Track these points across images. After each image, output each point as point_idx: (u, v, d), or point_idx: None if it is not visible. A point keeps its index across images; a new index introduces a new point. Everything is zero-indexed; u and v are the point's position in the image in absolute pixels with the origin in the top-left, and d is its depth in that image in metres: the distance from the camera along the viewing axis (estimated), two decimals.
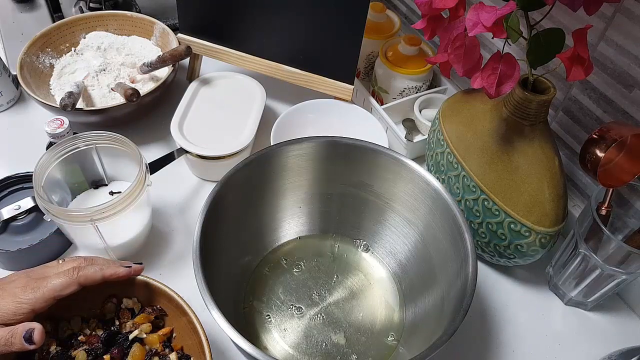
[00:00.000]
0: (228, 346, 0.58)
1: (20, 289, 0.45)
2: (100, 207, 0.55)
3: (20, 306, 0.44)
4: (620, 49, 0.55)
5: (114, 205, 0.55)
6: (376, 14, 0.86)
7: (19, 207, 0.65)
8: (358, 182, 0.63)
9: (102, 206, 0.55)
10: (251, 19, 0.77)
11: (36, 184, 0.56)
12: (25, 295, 0.45)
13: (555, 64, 0.51)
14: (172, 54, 0.77)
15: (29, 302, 0.44)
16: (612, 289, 0.60)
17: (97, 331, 0.51)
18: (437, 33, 0.57)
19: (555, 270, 0.65)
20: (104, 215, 0.55)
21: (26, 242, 0.63)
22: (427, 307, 0.57)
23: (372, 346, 0.58)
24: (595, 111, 0.61)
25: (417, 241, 0.61)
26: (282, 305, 0.61)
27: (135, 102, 0.72)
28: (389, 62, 0.80)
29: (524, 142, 0.57)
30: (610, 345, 0.59)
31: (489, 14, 0.47)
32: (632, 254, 0.53)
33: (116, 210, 0.56)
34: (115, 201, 0.56)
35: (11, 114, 0.84)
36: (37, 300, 0.45)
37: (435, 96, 0.82)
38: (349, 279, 0.64)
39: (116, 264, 0.50)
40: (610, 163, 0.54)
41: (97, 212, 0.55)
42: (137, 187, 0.58)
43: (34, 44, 0.81)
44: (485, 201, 0.60)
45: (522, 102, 0.55)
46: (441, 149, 0.65)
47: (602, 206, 0.56)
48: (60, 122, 0.65)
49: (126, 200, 0.57)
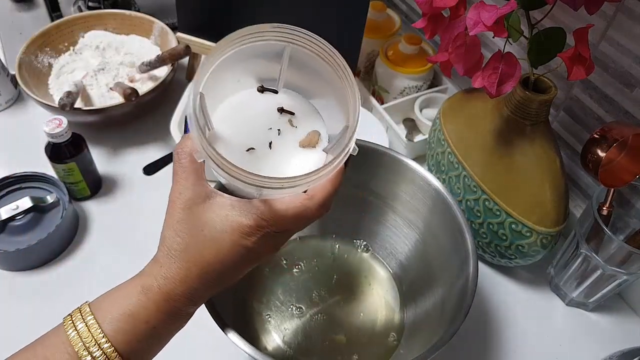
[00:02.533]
0: (228, 347, 0.57)
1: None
2: (292, 179, 0.33)
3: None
4: (622, 48, 0.55)
5: (303, 178, 0.33)
6: (376, 13, 0.86)
7: (17, 207, 0.65)
8: (358, 182, 0.63)
9: (294, 178, 0.33)
10: (250, 18, 0.76)
11: (200, 79, 0.35)
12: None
13: (557, 63, 0.51)
14: (171, 53, 0.77)
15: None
16: (614, 290, 0.59)
17: None
18: (437, 32, 0.57)
19: (556, 270, 0.65)
20: (294, 184, 0.34)
21: (24, 242, 0.63)
22: (428, 308, 0.57)
23: (373, 346, 0.58)
24: (596, 111, 0.61)
25: (417, 241, 0.61)
26: (281, 306, 0.61)
27: (134, 101, 0.71)
28: (390, 61, 0.80)
29: (525, 141, 0.57)
30: (611, 346, 0.59)
31: (490, 13, 0.46)
32: (633, 254, 0.53)
33: (304, 183, 0.34)
34: (306, 176, 0.33)
35: (9, 114, 0.84)
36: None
37: (436, 95, 0.82)
38: (349, 280, 0.64)
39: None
40: (611, 163, 0.54)
41: (274, 182, 0.33)
42: (343, 157, 0.35)
43: (32, 44, 0.81)
44: (486, 201, 0.59)
45: (523, 102, 0.54)
46: (442, 149, 0.65)
47: (603, 206, 0.56)
48: (59, 122, 0.64)
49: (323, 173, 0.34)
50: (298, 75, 0.39)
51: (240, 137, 0.38)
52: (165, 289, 0.36)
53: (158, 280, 0.36)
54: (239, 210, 0.35)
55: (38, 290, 0.63)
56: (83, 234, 0.69)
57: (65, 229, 0.67)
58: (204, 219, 0.35)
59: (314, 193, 0.35)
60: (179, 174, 0.37)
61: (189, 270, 0.36)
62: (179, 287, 0.36)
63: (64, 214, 0.65)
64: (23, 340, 0.38)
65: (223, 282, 0.37)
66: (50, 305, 0.62)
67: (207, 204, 0.36)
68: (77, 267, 0.66)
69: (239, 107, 0.39)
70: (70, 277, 0.65)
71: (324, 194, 0.35)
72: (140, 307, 0.36)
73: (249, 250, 0.36)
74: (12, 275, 0.65)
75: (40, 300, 0.63)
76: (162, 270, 0.36)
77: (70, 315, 0.36)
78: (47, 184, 0.69)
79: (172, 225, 0.36)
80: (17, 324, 0.60)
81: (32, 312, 0.61)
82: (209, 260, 0.35)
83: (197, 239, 0.35)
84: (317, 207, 0.35)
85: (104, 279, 0.64)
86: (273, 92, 0.40)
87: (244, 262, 0.37)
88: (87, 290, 0.63)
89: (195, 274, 0.36)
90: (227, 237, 0.35)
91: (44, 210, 0.67)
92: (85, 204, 0.72)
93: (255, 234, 0.35)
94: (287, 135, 0.38)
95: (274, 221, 0.35)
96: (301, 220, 0.36)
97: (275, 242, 0.37)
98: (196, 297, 0.37)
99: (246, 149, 0.37)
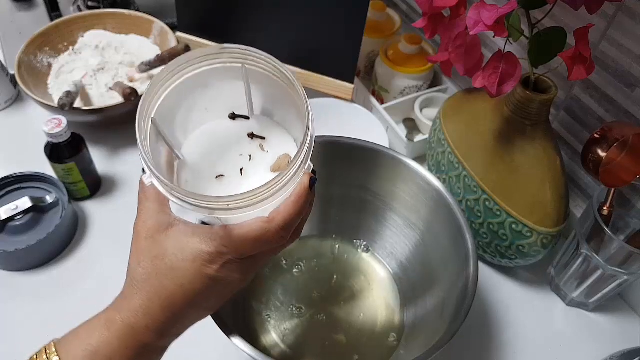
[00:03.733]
0: (227, 347, 0.57)
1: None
2: (234, 197, 0.32)
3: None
4: (622, 48, 0.55)
5: (261, 193, 0.32)
6: (377, 13, 0.86)
7: (17, 207, 0.65)
8: (358, 182, 0.62)
9: (236, 197, 0.32)
10: (251, 18, 0.76)
11: (142, 113, 0.34)
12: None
13: (557, 63, 0.51)
14: (171, 53, 0.77)
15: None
16: (614, 290, 0.59)
17: None
18: (438, 32, 0.57)
19: (557, 271, 0.64)
20: (240, 205, 0.32)
21: (24, 242, 0.63)
22: (428, 308, 0.57)
23: (373, 347, 0.58)
24: (597, 111, 0.61)
25: (417, 242, 0.61)
26: (281, 306, 0.61)
27: (133, 101, 0.71)
28: (390, 61, 0.80)
29: (526, 141, 0.57)
30: (612, 346, 0.59)
31: (490, 13, 0.46)
32: (634, 254, 0.53)
33: (260, 199, 0.33)
34: (251, 192, 0.32)
35: (9, 114, 0.84)
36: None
37: (436, 95, 0.82)
38: (349, 280, 0.64)
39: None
40: (612, 163, 0.54)
41: (229, 202, 0.32)
42: (298, 168, 0.34)
43: (32, 43, 0.80)
44: (487, 201, 0.59)
45: (524, 102, 0.54)
46: (442, 149, 0.65)
47: (604, 206, 0.56)
48: (58, 122, 0.64)
49: (278, 188, 0.33)
50: (263, 97, 0.39)
51: (210, 165, 0.37)
52: (128, 321, 0.34)
53: (121, 313, 0.34)
54: (199, 237, 0.34)
55: (37, 290, 0.63)
56: (82, 234, 0.69)
57: (65, 229, 0.66)
58: (165, 247, 0.34)
59: (274, 216, 0.34)
60: (142, 202, 0.36)
61: (150, 300, 0.34)
62: (142, 320, 0.34)
63: (64, 214, 0.65)
64: (23, 341, 0.38)
65: (193, 313, 0.36)
66: (50, 306, 0.62)
67: (170, 232, 0.35)
68: (77, 268, 0.66)
69: (209, 135, 0.39)
70: (70, 277, 0.65)
71: (284, 217, 0.34)
72: (103, 343, 0.34)
73: (213, 279, 0.34)
74: (12, 275, 0.64)
75: (39, 300, 0.62)
76: (125, 302, 0.35)
77: (36, 355, 0.35)
78: (47, 184, 0.69)
79: (135, 255, 0.35)
80: (17, 324, 0.60)
81: (31, 312, 0.61)
82: (171, 290, 0.34)
83: (159, 268, 0.34)
84: (277, 230, 0.34)
85: (103, 279, 0.64)
86: (245, 118, 0.40)
87: (212, 292, 0.35)
88: (86, 291, 0.63)
89: (157, 304, 0.34)
90: (189, 265, 0.34)
91: (44, 210, 0.67)
92: (84, 204, 0.72)
93: (216, 261, 0.34)
94: (258, 160, 0.38)
95: (234, 247, 0.34)
96: (262, 244, 0.34)
97: (241, 270, 0.36)
98: (164, 330, 0.35)
99: (215, 176, 0.37)
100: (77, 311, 0.61)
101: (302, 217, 0.35)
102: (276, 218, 0.34)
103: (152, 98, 0.35)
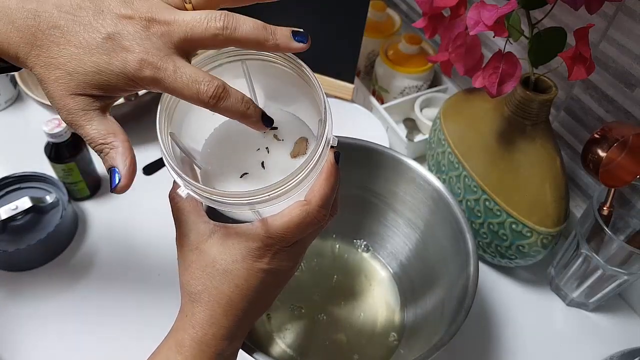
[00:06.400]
0: None
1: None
2: (272, 186, 0.32)
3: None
4: (622, 48, 0.55)
5: (296, 178, 0.33)
6: (377, 13, 0.86)
7: (17, 207, 0.64)
8: (358, 182, 0.62)
9: (274, 185, 0.32)
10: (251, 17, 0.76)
11: (162, 129, 0.35)
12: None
13: (557, 63, 0.51)
14: None
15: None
16: (614, 290, 0.59)
17: None
18: (438, 32, 0.57)
19: (556, 271, 0.64)
20: (279, 193, 0.33)
21: (24, 242, 0.63)
22: (428, 308, 0.57)
23: (373, 346, 0.58)
24: (597, 111, 0.61)
25: (417, 241, 0.61)
26: (281, 306, 0.61)
27: (133, 101, 0.71)
28: (390, 61, 0.80)
29: (526, 141, 0.57)
30: (612, 346, 0.59)
31: (490, 13, 0.46)
32: (634, 254, 0.53)
33: (295, 184, 0.33)
34: (289, 178, 0.32)
35: (9, 114, 0.84)
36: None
37: (436, 95, 0.82)
38: (350, 280, 0.64)
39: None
40: (612, 163, 0.54)
41: (269, 192, 0.32)
42: (324, 146, 0.34)
43: None
44: (487, 201, 0.59)
45: (524, 102, 0.54)
46: (442, 149, 0.65)
47: (604, 206, 0.56)
48: (59, 122, 0.64)
49: (306, 172, 0.33)
50: (266, 88, 0.39)
51: (232, 167, 0.37)
52: (197, 338, 0.35)
53: (188, 331, 0.35)
54: (243, 236, 0.35)
55: (37, 290, 0.63)
56: (82, 234, 0.69)
57: (65, 229, 0.67)
58: (213, 254, 0.35)
59: (311, 197, 0.35)
60: (178, 216, 0.37)
61: (212, 310, 0.35)
62: (209, 331, 0.35)
63: (64, 214, 0.65)
64: (23, 341, 0.38)
65: (254, 310, 0.37)
66: (50, 306, 0.62)
67: (213, 239, 0.35)
68: (77, 267, 0.66)
69: (223, 138, 0.39)
70: (70, 277, 0.65)
71: (320, 195, 0.35)
72: None
73: (266, 272, 0.35)
74: (12, 275, 0.65)
75: (39, 301, 0.62)
76: (187, 319, 0.35)
77: None
78: (47, 184, 0.69)
79: (185, 270, 0.36)
80: (17, 324, 0.60)
81: (31, 312, 0.61)
82: (228, 293, 0.35)
83: (212, 276, 0.35)
84: (317, 209, 0.35)
85: (103, 279, 0.64)
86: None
87: (268, 285, 0.36)
88: (86, 290, 0.63)
89: (219, 312, 0.35)
90: (240, 265, 0.34)
91: (44, 210, 0.67)
92: (84, 204, 0.72)
93: (266, 254, 0.35)
94: (277, 150, 0.38)
95: (280, 236, 0.34)
96: (306, 227, 0.35)
97: (291, 256, 0.37)
98: (231, 334, 0.36)
99: (240, 175, 0.37)
100: (77, 311, 0.61)
101: (335, 192, 0.36)
102: (313, 199, 0.35)
103: (165, 113, 0.36)
